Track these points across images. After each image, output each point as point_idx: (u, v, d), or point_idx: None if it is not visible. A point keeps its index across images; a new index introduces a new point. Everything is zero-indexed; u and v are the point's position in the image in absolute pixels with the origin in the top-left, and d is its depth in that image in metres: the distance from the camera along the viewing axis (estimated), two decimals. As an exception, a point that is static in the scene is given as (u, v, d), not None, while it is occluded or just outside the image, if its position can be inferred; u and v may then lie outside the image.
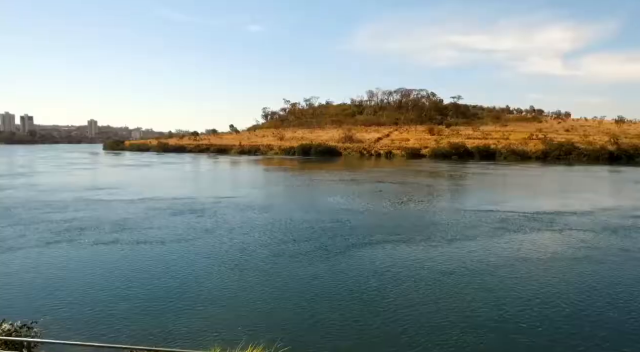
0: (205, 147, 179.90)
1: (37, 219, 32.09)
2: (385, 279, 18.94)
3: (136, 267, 20.74)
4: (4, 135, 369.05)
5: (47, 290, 17.64)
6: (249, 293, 17.32)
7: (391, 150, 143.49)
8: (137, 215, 34.31)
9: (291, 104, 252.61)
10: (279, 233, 27.97)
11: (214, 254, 22.90)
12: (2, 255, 22.62)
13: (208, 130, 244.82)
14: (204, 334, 13.25)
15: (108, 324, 14.22)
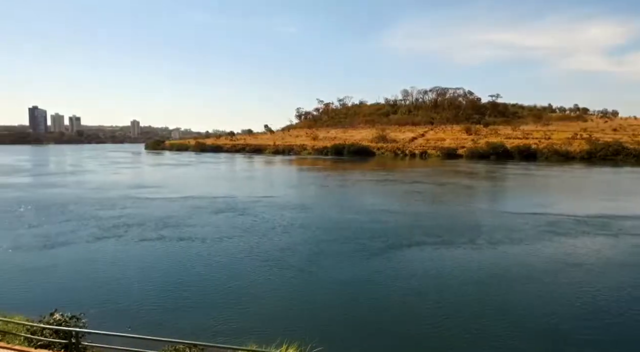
0: (241, 147, 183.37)
1: (87, 216, 33.92)
2: (426, 282, 18.71)
3: (178, 264, 21.61)
4: (54, 136, 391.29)
5: (95, 283, 18.76)
6: (286, 292, 17.69)
7: (426, 150, 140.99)
8: (180, 213, 35.56)
9: (324, 104, 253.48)
10: (318, 233, 28.28)
11: (253, 253, 23.46)
12: (55, 249, 24.24)
13: (244, 131, 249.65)
14: (240, 331, 13.67)
15: (150, 318, 15.00)
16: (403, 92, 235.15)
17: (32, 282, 18.69)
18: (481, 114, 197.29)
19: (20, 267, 20.85)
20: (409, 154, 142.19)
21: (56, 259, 22.28)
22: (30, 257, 22.44)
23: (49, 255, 22.93)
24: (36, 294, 17.30)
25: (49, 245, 24.85)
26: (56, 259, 22.28)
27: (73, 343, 9.73)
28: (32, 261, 21.87)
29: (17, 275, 19.70)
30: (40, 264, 21.40)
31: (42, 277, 19.37)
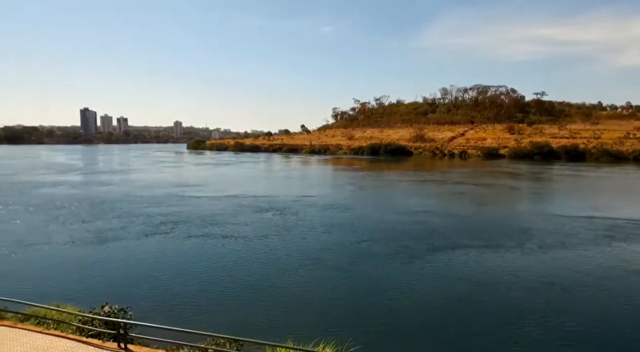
0: (278, 146, 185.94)
1: (135, 213, 35.68)
2: (470, 287, 18.18)
3: (221, 261, 22.35)
4: (104, 136, 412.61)
5: (141, 278, 19.76)
6: (326, 291, 17.88)
7: (466, 150, 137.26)
8: (223, 211, 36.65)
9: (361, 103, 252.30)
10: (358, 233, 28.30)
11: (294, 252, 23.86)
12: (106, 245, 25.69)
13: (281, 131, 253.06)
14: (278, 328, 14.01)
15: (192, 312, 15.64)
16: (442, 91, 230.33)
17: (85, 275, 19.96)
18: (525, 113, 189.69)
19: (74, 261, 22.33)
20: (447, 153, 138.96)
21: (107, 254, 23.67)
22: (84, 252, 23.96)
23: (101, 250, 24.38)
24: (88, 286, 18.45)
25: (100, 240, 26.41)
26: (107, 254, 23.67)
27: (121, 334, 10.40)
28: (85, 255, 23.35)
29: (71, 268, 21.10)
30: (92, 258, 22.80)
31: (93, 271, 20.64)
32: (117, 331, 10.47)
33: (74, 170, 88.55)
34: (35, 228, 29.82)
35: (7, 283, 17.99)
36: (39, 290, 17.16)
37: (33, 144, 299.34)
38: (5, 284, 17.78)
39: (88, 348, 10.23)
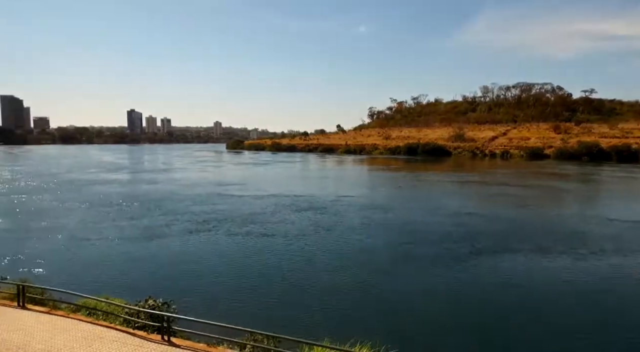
0: (314, 146, 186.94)
1: (180, 211, 37.03)
2: (518, 294, 17.44)
3: (261, 258, 22.80)
4: (148, 136, 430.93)
5: (184, 273, 20.50)
6: (364, 293, 17.85)
7: (508, 150, 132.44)
8: (264, 210, 37.32)
9: (398, 102, 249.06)
10: (398, 235, 28.04)
11: (333, 252, 23.97)
12: (152, 241, 26.83)
13: (317, 131, 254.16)
14: (316, 327, 14.14)
15: (232, 308, 16.09)
16: (483, 89, 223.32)
17: (131, 270, 21.00)
18: (572, 111, 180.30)
19: (122, 256, 23.53)
20: (488, 154, 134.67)
21: (152, 249, 24.77)
22: (131, 248, 25.17)
23: (147, 246, 25.53)
24: (134, 280, 19.41)
25: (147, 237, 27.65)
26: (152, 249, 24.77)
27: (164, 327, 10.91)
28: (132, 250, 24.53)
29: (119, 263, 22.26)
30: (139, 253, 23.93)
31: (139, 266, 21.67)
32: (161, 323, 10.98)
33: (121, 169, 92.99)
34: (88, 224, 31.65)
35: (62, 276, 19.24)
36: (89, 283, 18.22)
37: (84, 144, 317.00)
38: (60, 276, 19.02)
39: (134, 339, 10.81)
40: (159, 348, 10.34)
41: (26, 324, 11.62)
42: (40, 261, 21.96)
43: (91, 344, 10.41)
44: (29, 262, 21.65)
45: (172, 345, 10.54)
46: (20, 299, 12.90)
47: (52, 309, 12.78)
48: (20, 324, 11.60)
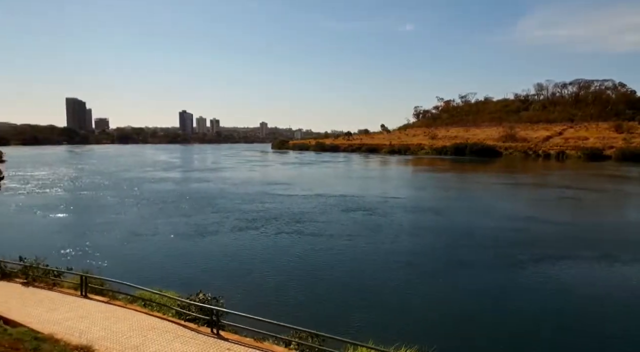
0: (357, 146, 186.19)
1: (229, 209, 38.24)
2: (580, 304, 16.46)
3: (308, 257, 23.05)
4: (198, 136, 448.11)
5: (232, 269, 21.16)
6: (412, 295, 17.59)
7: (564, 150, 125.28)
8: (311, 209, 37.71)
9: (445, 101, 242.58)
10: (449, 238, 27.41)
11: (380, 253, 23.77)
12: (202, 238, 27.85)
13: (360, 131, 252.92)
14: (360, 327, 14.11)
15: (278, 304, 16.37)
16: (536, 87, 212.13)
17: (183, 264, 21.98)
18: (636, 109, 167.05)
19: (175, 250, 24.69)
20: (542, 154, 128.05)
21: (203, 245, 25.80)
22: (183, 243, 26.35)
23: (198, 242, 26.62)
24: (185, 274, 20.30)
25: (198, 233, 28.82)
26: (203, 245, 25.80)
27: (214, 320, 11.36)
28: (184, 246, 25.69)
29: (172, 257, 23.37)
30: (191, 249, 25.01)
31: (191, 260, 22.64)
32: (210, 317, 11.45)
33: (174, 168, 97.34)
34: (144, 220, 33.49)
35: (120, 268, 20.47)
36: (145, 275, 19.28)
37: (139, 144, 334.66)
38: (119, 269, 20.24)
39: (185, 331, 11.33)
40: (209, 341, 10.78)
41: (88, 311, 12.51)
42: (101, 253, 23.52)
43: (146, 334, 11.04)
44: (91, 255, 23.26)
45: (220, 338, 10.95)
46: (83, 289, 13.90)
47: (111, 299, 13.66)
48: (83, 311, 12.50)
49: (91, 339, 10.39)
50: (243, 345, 10.59)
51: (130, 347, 10.22)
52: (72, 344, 9.94)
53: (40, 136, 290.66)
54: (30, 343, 8.85)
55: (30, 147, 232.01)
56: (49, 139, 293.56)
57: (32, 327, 10.95)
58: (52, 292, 14.12)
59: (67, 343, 9.96)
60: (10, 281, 14.95)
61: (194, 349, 10.24)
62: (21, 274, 15.15)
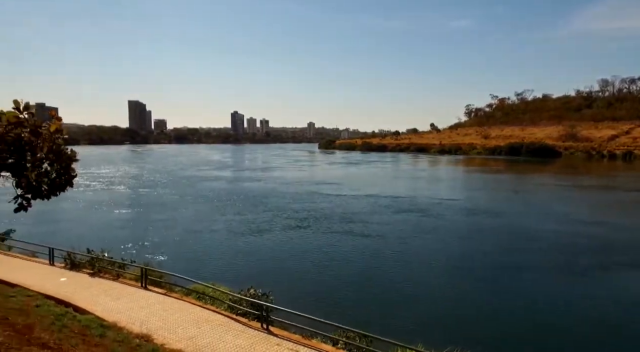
0: (405, 146, 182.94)
1: (280, 207, 39.07)
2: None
3: (358, 257, 23.03)
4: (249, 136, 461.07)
5: (282, 267, 21.57)
6: (464, 300, 17.10)
7: (632, 150, 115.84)
8: (362, 210, 37.61)
9: (499, 99, 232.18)
10: (507, 242, 26.34)
11: (433, 255, 23.28)
12: (254, 235, 28.66)
13: (409, 130, 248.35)
14: (409, 330, 13.89)
15: (325, 303, 16.50)
16: (601, 82, 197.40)
17: (235, 260, 22.78)
18: None
19: (228, 247, 25.65)
20: (607, 154, 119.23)
21: (254, 242, 26.60)
22: (236, 240, 27.31)
23: (250, 239, 27.47)
24: (237, 269, 21.02)
25: (250, 230, 29.73)
26: (254, 242, 26.60)
27: (264, 316, 11.68)
28: (237, 242, 26.61)
29: (225, 253, 24.28)
30: (243, 245, 25.87)
31: (242, 257, 23.41)
32: (261, 312, 11.78)
33: (227, 167, 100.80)
34: (200, 217, 35.05)
35: (177, 262, 21.57)
36: (199, 269, 20.15)
37: (194, 144, 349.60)
38: (175, 263, 21.34)
39: (237, 325, 11.74)
40: (259, 335, 11.10)
41: (148, 302, 13.29)
42: (160, 248, 24.91)
43: (200, 326, 11.56)
44: (151, 249, 24.70)
45: (270, 333, 11.24)
46: (143, 281, 14.79)
47: (168, 291, 14.41)
48: (143, 302, 13.30)
49: (150, 329, 11.04)
50: (291, 341, 10.80)
51: (185, 338, 10.75)
52: (133, 332, 10.61)
53: (105, 136, 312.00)
54: (96, 330, 9.55)
55: (97, 146, 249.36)
56: (113, 139, 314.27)
57: (98, 315, 11.80)
58: (116, 282, 15.14)
59: (129, 331, 10.64)
60: (79, 271, 16.19)
61: (245, 343, 10.58)
62: (88, 265, 16.36)
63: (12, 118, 3.42)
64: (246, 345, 10.47)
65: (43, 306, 11.03)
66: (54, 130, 3.59)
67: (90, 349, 7.43)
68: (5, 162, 3.47)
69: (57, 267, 16.73)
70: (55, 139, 3.59)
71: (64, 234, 27.41)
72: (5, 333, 6.30)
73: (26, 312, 9.38)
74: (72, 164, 3.81)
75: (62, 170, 3.71)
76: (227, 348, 10.30)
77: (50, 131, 3.57)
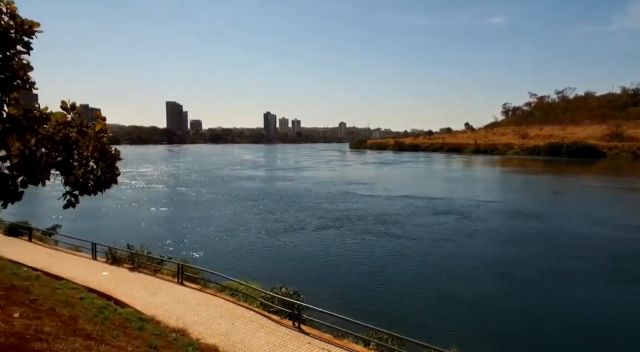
0: (439, 146, 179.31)
1: (314, 207, 39.23)
2: None
3: (393, 259, 22.77)
4: (280, 136, 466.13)
5: (314, 266, 21.64)
6: (503, 307, 16.53)
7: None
8: (398, 211, 37.05)
9: (538, 97, 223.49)
10: (552, 246, 25.28)
11: (473, 260, 22.61)
12: (286, 234, 28.94)
13: (442, 129, 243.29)
14: (443, 334, 13.60)
15: (357, 304, 16.38)
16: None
17: (268, 258, 23.11)
18: None
19: (260, 245, 26.04)
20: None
21: (287, 241, 26.86)
22: (269, 238, 27.69)
23: (282, 238, 27.76)
24: (269, 267, 21.29)
25: (284, 230, 30.03)
26: (287, 241, 26.86)
27: (295, 314, 11.78)
28: (269, 241, 26.97)
29: (257, 251, 24.67)
30: (275, 244, 26.19)
31: (275, 255, 23.72)
32: (292, 311, 11.89)
33: (260, 166, 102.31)
34: (234, 216, 35.75)
35: (211, 259, 22.10)
36: (232, 266, 20.56)
37: (228, 143, 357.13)
38: (210, 260, 21.87)
39: (269, 322, 11.89)
40: (290, 333, 11.20)
41: (184, 298, 13.69)
42: (196, 245, 25.62)
43: (234, 322, 11.79)
44: (186, 246, 25.44)
45: (301, 332, 11.32)
46: (180, 276, 15.25)
47: (203, 287, 14.79)
48: (179, 297, 13.71)
49: (186, 323, 11.36)
50: (323, 340, 10.82)
51: (220, 334, 10.99)
52: (170, 326, 10.95)
53: (144, 136, 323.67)
54: (136, 323, 9.92)
55: (136, 146, 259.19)
56: (151, 139, 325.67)
57: (137, 309, 12.26)
58: (154, 278, 15.68)
59: (166, 325, 10.99)
60: (120, 266, 16.89)
61: (277, 341, 10.70)
62: (128, 260, 17.04)
63: (60, 118, 3.60)
64: (278, 343, 10.58)
65: (86, 299, 11.57)
66: (98, 130, 3.76)
67: (130, 341, 7.73)
68: (55, 161, 3.66)
69: (99, 262, 17.52)
70: (100, 138, 3.76)
71: (105, 230, 28.69)
72: (53, 324, 6.65)
73: (71, 304, 9.87)
74: (116, 162, 3.98)
75: (107, 168, 3.89)
76: (259, 345, 10.45)
77: (95, 131, 3.75)
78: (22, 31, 3.23)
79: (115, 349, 6.57)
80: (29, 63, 3.36)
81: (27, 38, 3.28)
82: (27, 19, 3.26)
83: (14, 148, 3.50)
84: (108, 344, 6.66)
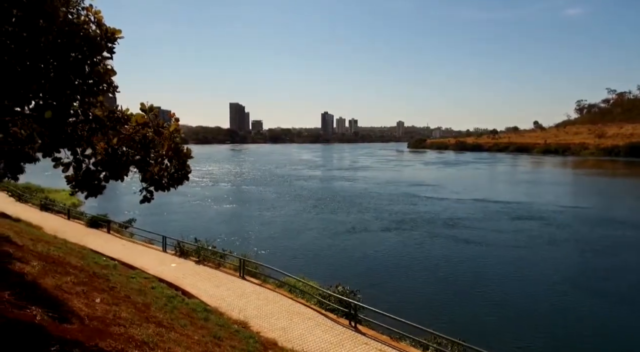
0: (504, 146, 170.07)
1: (375, 208, 38.92)
2: None
3: (460, 265, 21.92)
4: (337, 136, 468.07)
5: (373, 267, 21.46)
6: (577, 320, 15.38)
7: None
8: (469, 215, 35.39)
9: (617, 93, 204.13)
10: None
11: (553, 269, 21.21)
12: (346, 234, 29.03)
13: (508, 128, 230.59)
14: (501, 339, 12.93)
15: (415, 307, 15.99)
16: None
17: (326, 257, 23.36)
18: None
19: (319, 243, 26.39)
20: None
21: (347, 241, 26.96)
22: (328, 237, 27.98)
23: (343, 238, 27.91)
24: (326, 266, 21.46)
25: (344, 230, 30.15)
26: (347, 241, 26.96)
27: (351, 313, 11.76)
28: (329, 240, 27.23)
29: (316, 249, 25.01)
30: (335, 243, 26.40)
31: (333, 254, 23.92)
32: (349, 310, 11.89)
33: (318, 166, 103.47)
34: (295, 214, 36.56)
35: (271, 256, 22.72)
36: (291, 263, 20.97)
37: (287, 143, 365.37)
38: (270, 256, 22.48)
39: (326, 320, 11.98)
40: (347, 332, 11.21)
41: (245, 291, 14.20)
42: (257, 241, 26.51)
43: (292, 318, 12.03)
44: (248, 241, 26.39)
45: (358, 332, 11.29)
46: (241, 271, 15.84)
47: (263, 282, 15.24)
48: (241, 291, 14.24)
49: (247, 316, 11.78)
50: (379, 341, 10.71)
51: (278, 328, 11.26)
52: (232, 318, 11.42)
53: (209, 136, 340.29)
54: (201, 313, 10.47)
55: (202, 145, 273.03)
56: (215, 138, 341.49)
57: (202, 300, 12.92)
58: (218, 271, 16.43)
59: (228, 317, 11.48)
60: (187, 259, 17.89)
61: (334, 339, 10.75)
62: (194, 254, 18.00)
63: (140, 119, 3.90)
64: (335, 341, 10.63)
65: (157, 288, 12.40)
66: (172, 130, 4.02)
67: (196, 330, 8.16)
68: (134, 158, 3.97)
69: (169, 254, 18.69)
70: (174, 138, 4.02)
71: (174, 224, 30.49)
72: (129, 310, 7.19)
73: (144, 292, 10.62)
74: (188, 160, 4.23)
75: (180, 166, 4.16)
76: (316, 342, 10.56)
77: (169, 131, 4.00)
78: (107, 38, 3.52)
79: (184, 337, 6.97)
80: (113, 68, 3.66)
81: (111, 44, 3.57)
82: (110, 27, 3.55)
83: (99, 147, 3.85)
84: (177, 332, 7.08)
